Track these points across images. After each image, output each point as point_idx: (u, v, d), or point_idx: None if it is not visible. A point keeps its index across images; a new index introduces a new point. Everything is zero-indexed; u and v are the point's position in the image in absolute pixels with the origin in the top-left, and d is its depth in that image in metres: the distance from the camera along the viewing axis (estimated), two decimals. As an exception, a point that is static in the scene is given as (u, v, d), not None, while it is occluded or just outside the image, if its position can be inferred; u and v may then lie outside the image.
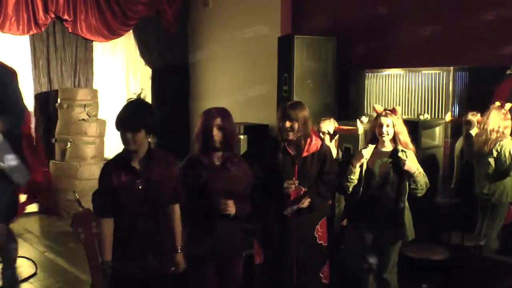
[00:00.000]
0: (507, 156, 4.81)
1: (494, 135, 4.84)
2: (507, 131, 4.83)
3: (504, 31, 5.12)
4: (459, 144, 5.40)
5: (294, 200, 3.77)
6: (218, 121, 3.32)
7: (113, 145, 7.35)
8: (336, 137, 4.83)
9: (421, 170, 4.09)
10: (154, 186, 3.08)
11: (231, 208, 3.30)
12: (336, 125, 4.94)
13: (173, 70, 8.31)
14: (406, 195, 4.11)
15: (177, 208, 3.27)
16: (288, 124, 3.68)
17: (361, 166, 4.15)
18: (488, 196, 4.95)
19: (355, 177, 4.15)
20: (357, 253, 4.49)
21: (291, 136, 3.71)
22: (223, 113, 3.39)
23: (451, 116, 5.61)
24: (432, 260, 4.72)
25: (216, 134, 3.32)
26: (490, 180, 4.91)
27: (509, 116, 4.81)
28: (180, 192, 3.26)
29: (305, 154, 3.77)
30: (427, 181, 4.10)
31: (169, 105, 8.01)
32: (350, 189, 4.20)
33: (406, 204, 4.18)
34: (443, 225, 5.13)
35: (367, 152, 4.14)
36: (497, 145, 4.82)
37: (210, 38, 8.18)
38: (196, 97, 8.52)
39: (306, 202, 3.75)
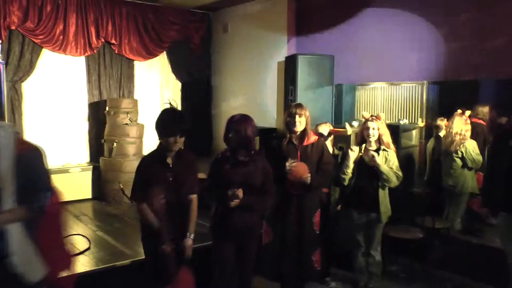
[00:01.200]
0: (472, 155, 4.86)
1: (458, 137, 4.87)
2: (468, 134, 4.87)
3: (467, 54, 5.15)
4: (430, 144, 5.43)
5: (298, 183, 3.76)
6: (234, 126, 3.36)
7: (150, 144, 7.52)
8: (331, 137, 4.86)
9: (395, 166, 4.17)
10: (180, 179, 3.16)
11: (235, 201, 3.26)
12: (331, 127, 5.01)
13: (198, 84, 8.40)
14: (384, 185, 4.20)
15: (195, 198, 3.30)
16: (297, 118, 3.80)
17: (354, 162, 4.25)
18: (453, 187, 4.99)
19: (349, 171, 4.24)
20: (349, 233, 4.56)
21: (298, 128, 3.82)
22: (240, 118, 3.42)
23: (424, 121, 5.63)
24: (409, 239, 4.77)
25: (232, 135, 3.36)
26: (455, 173, 4.97)
27: (468, 121, 4.84)
28: (197, 185, 3.30)
29: (305, 143, 3.86)
30: (399, 175, 4.16)
31: (195, 112, 8.09)
32: (346, 182, 4.29)
33: (384, 192, 4.26)
34: (418, 210, 5.17)
35: (353, 153, 4.22)
36: (462, 146, 4.87)
37: (228, 57, 8.24)
38: (217, 105, 8.59)
39: (308, 177, 3.79)
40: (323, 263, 4.31)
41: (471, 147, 4.86)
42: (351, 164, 4.21)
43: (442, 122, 5.22)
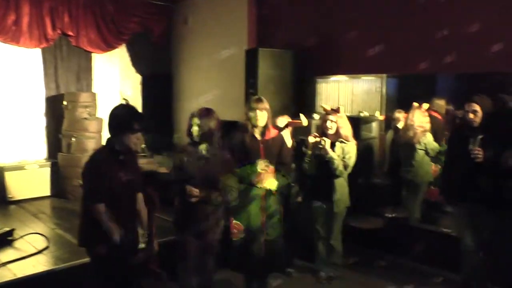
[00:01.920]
0: (433, 145, 4.98)
1: (420, 130, 4.99)
2: (428, 126, 5.00)
3: (424, 47, 5.26)
4: (390, 135, 5.52)
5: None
6: (196, 120, 3.39)
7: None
8: (290, 128, 4.86)
9: (349, 156, 4.25)
10: (133, 177, 3.08)
11: (194, 196, 3.30)
12: (289, 119, 5.02)
13: (159, 77, 8.27)
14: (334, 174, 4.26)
15: (140, 196, 3.26)
16: (258, 112, 3.80)
17: (314, 155, 4.29)
18: (413, 178, 5.11)
19: (309, 158, 4.28)
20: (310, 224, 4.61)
21: (259, 122, 3.82)
22: (203, 112, 3.43)
23: (384, 114, 5.72)
24: (369, 229, 4.87)
25: (195, 130, 3.39)
26: (416, 164, 5.08)
27: (427, 113, 4.96)
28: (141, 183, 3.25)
29: (267, 137, 3.87)
30: (347, 164, 4.25)
31: (156, 106, 8.01)
32: (307, 168, 4.33)
33: (340, 182, 4.33)
34: (378, 201, 5.28)
35: (312, 139, 4.28)
36: (423, 138, 4.98)
37: (190, 50, 8.14)
38: (178, 98, 8.49)
39: (275, 184, 3.80)
40: (286, 254, 4.38)
41: (431, 138, 4.99)
42: (309, 152, 4.28)
43: (400, 115, 5.31)
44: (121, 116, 3.01)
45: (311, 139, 4.29)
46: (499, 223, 3.77)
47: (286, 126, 4.81)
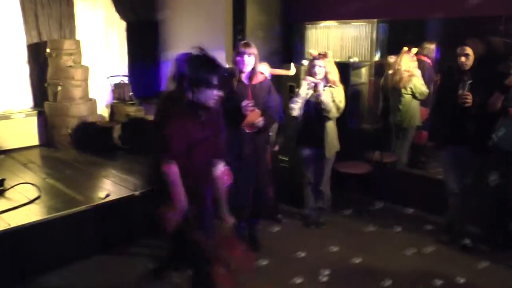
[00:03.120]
0: (421, 90, 4.98)
1: (406, 74, 4.97)
2: (415, 70, 4.97)
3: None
4: (383, 80, 5.48)
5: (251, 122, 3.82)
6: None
7: (96, 87, 7.25)
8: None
9: (338, 100, 4.21)
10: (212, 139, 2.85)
11: None
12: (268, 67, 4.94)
13: (144, 23, 7.98)
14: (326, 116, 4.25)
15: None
16: (245, 57, 3.75)
17: (305, 99, 4.25)
18: (400, 122, 5.13)
19: (299, 99, 4.26)
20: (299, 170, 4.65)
21: (247, 68, 3.79)
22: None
23: (374, 59, 5.65)
24: (357, 174, 4.93)
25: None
26: (403, 109, 5.09)
27: (415, 58, 4.92)
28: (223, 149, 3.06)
29: (254, 82, 3.86)
30: (340, 107, 4.24)
31: (142, 53, 7.80)
32: (296, 111, 4.31)
33: (330, 127, 4.33)
34: (367, 146, 5.32)
35: (306, 84, 4.24)
36: (410, 82, 4.97)
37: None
38: (164, 45, 8.27)
39: (260, 122, 3.83)
40: (274, 201, 4.44)
41: (419, 83, 4.97)
42: (302, 95, 4.25)
43: (392, 60, 5.25)
44: (199, 68, 2.67)
45: (305, 83, 4.24)
46: (483, 165, 3.86)
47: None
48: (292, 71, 4.91)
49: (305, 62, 5.67)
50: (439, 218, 4.46)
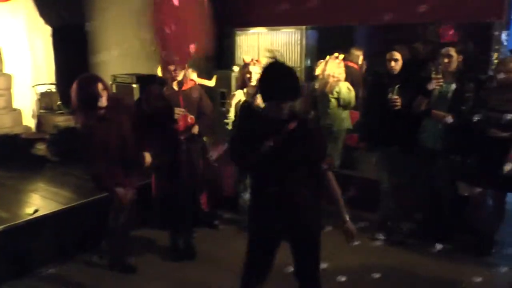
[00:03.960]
0: (345, 95, 5.11)
1: (332, 79, 5.08)
2: (342, 76, 5.08)
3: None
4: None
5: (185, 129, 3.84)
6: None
7: (20, 97, 6.82)
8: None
9: None
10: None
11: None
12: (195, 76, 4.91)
13: (71, 28, 7.59)
14: None
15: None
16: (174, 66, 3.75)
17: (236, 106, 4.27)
18: (330, 126, 5.25)
19: (231, 115, 4.30)
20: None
21: (178, 76, 3.81)
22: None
23: (304, 65, 5.72)
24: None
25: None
26: (331, 113, 5.20)
27: (342, 64, 5.05)
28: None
29: (184, 88, 3.88)
30: None
31: (70, 59, 7.44)
32: (230, 126, 4.32)
33: None
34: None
35: (238, 95, 4.29)
36: (336, 87, 5.09)
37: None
38: (92, 51, 7.91)
39: (195, 129, 3.85)
40: (210, 207, 4.42)
41: (345, 88, 5.10)
42: (232, 108, 4.29)
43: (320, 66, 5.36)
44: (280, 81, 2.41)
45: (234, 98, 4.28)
46: (413, 164, 4.06)
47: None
48: (213, 82, 4.92)
49: (236, 68, 5.70)
50: (372, 216, 4.61)
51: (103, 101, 3.40)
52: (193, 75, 4.68)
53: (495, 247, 4.05)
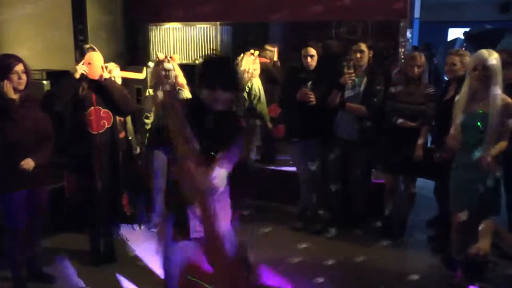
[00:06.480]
0: (256, 91, 5.08)
1: (246, 75, 5.05)
2: (256, 72, 5.06)
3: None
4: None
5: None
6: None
7: None
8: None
9: None
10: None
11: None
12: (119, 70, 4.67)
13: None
14: None
15: None
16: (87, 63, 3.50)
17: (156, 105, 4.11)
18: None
19: (151, 115, 4.14)
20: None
21: (93, 75, 3.52)
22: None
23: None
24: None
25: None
26: (248, 107, 5.15)
27: (257, 61, 5.03)
28: None
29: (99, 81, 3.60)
30: None
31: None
32: (149, 125, 4.17)
33: None
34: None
35: (159, 96, 4.13)
36: (249, 82, 5.06)
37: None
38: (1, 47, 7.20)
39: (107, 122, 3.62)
40: (132, 208, 4.23)
41: (257, 85, 5.08)
42: (152, 108, 4.16)
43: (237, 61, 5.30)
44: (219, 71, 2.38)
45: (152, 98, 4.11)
46: (330, 155, 4.15)
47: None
48: (143, 74, 4.68)
49: (150, 64, 5.47)
50: (291, 207, 4.65)
51: (22, 83, 3.11)
52: (114, 69, 4.39)
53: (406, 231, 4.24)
